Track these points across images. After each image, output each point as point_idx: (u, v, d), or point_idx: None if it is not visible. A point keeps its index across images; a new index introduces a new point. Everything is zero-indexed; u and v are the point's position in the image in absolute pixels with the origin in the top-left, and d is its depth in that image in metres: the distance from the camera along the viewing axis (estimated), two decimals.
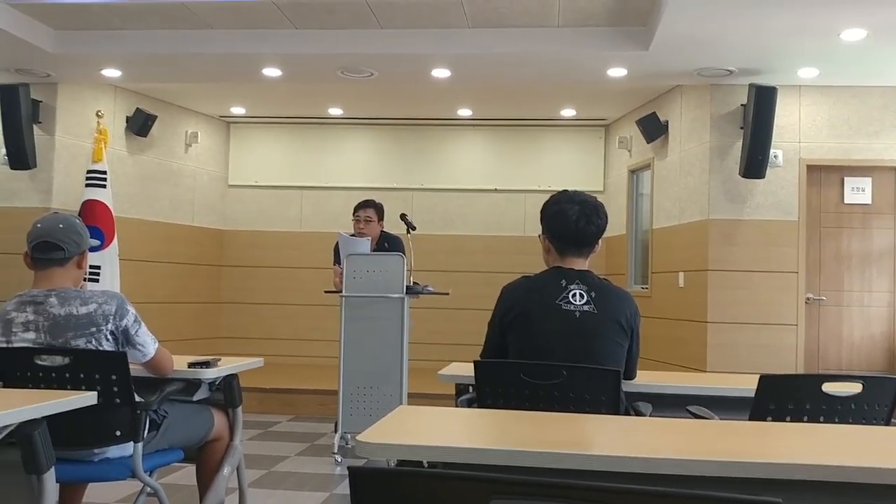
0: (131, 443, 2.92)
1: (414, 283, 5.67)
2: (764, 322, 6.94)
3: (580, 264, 2.88)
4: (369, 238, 5.84)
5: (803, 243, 7.02)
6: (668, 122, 7.79)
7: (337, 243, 5.93)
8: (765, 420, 2.53)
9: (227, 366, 3.39)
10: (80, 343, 2.88)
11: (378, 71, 7.03)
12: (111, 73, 7.34)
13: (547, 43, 6.34)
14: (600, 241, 2.91)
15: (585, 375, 2.65)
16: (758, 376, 2.59)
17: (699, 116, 7.26)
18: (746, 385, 2.79)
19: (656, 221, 7.96)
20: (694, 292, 7.17)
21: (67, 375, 2.83)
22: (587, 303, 2.76)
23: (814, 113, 7.06)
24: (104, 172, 7.40)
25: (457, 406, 3.02)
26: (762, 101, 6.65)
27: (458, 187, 9.59)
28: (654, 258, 8.00)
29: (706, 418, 2.71)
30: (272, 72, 7.15)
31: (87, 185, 7.37)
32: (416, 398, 5.93)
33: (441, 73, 7.01)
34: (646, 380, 3.05)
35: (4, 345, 2.90)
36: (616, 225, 8.55)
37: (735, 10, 5.34)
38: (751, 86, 6.74)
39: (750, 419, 2.57)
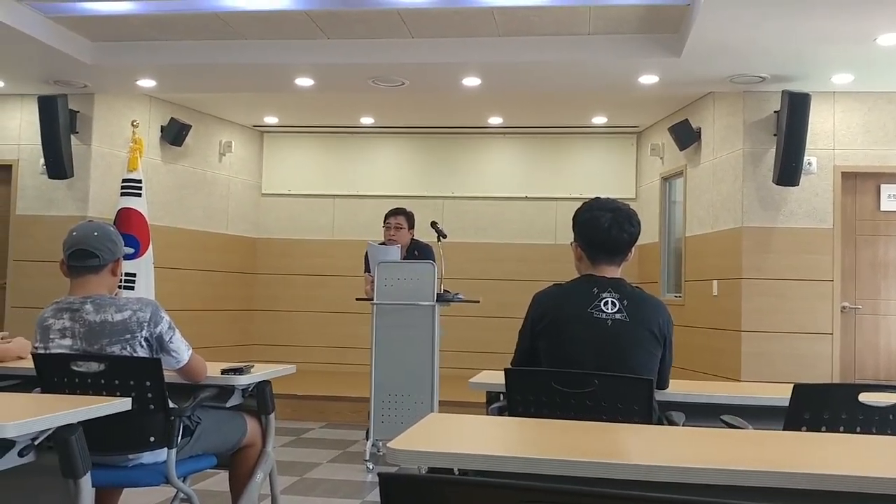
0: (165, 448, 2.94)
1: (444, 290, 5.67)
2: (799, 331, 6.85)
3: (612, 272, 2.86)
4: (399, 246, 5.86)
5: (838, 251, 6.93)
6: (700, 129, 7.73)
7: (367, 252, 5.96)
8: (800, 430, 2.49)
9: (260, 372, 3.41)
10: (115, 349, 2.91)
11: (409, 80, 7.06)
12: (146, 83, 7.45)
13: (578, 51, 6.33)
14: (633, 249, 2.89)
15: (617, 384, 2.63)
16: (792, 385, 2.56)
17: (732, 123, 7.20)
18: (781, 394, 2.76)
19: (689, 229, 7.90)
20: (728, 301, 7.10)
21: (103, 381, 2.86)
22: (619, 311, 2.74)
23: (848, 119, 6.98)
24: (139, 181, 7.50)
25: (487, 414, 3.02)
26: (796, 108, 6.58)
27: (489, 195, 9.59)
28: (687, 266, 7.93)
29: (740, 428, 2.68)
30: (304, 81, 7.21)
31: (123, 194, 7.47)
32: (447, 406, 5.92)
33: (472, 81, 7.02)
34: (679, 389, 3.02)
35: (42, 351, 2.95)
36: (648, 233, 8.49)
37: (768, 17, 5.30)
38: (784, 92, 6.67)
39: (784, 429, 2.54)
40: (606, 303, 2.75)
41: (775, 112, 6.88)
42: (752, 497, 1.68)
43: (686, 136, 7.79)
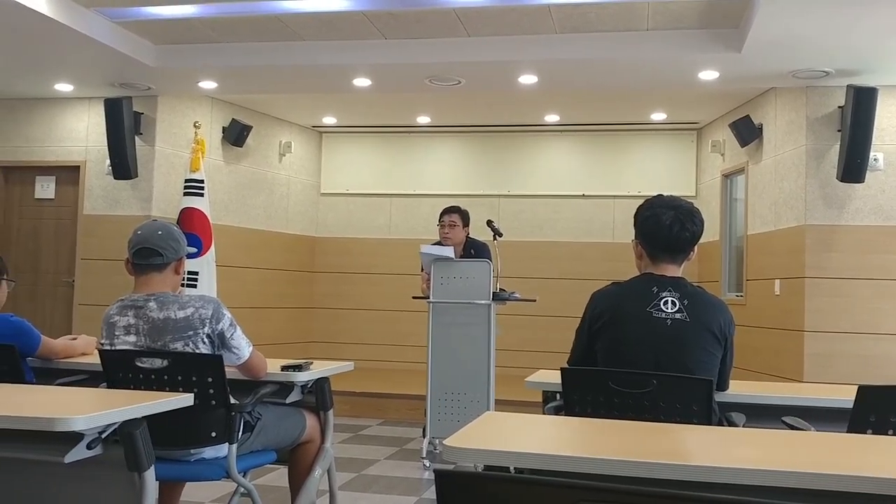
0: (226, 444, 2.99)
1: (500, 289, 5.66)
2: (864, 331, 6.68)
3: (673, 271, 2.81)
4: (451, 245, 5.87)
5: None
6: (762, 125, 7.59)
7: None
8: (865, 433, 2.44)
9: (319, 369, 3.44)
10: (178, 346, 2.97)
11: (465, 78, 7.07)
12: (208, 84, 7.59)
13: (636, 47, 6.27)
14: (695, 247, 2.85)
15: (676, 385, 2.60)
16: (857, 387, 2.50)
17: (794, 119, 7.05)
18: (845, 396, 2.70)
19: (751, 227, 7.76)
20: (790, 300, 6.96)
21: (166, 377, 2.92)
22: (679, 311, 2.70)
23: None
24: (202, 181, 7.64)
25: (544, 413, 3.01)
26: (861, 103, 6.41)
27: (546, 193, 9.55)
28: (748, 265, 7.80)
29: (802, 430, 2.63)
30: (362, 82, 7.27)
31: (186, 194, 7.62)
32: (503, 405, 5.92)
33: (528, 79, 7.00)
34: (740, 390, 2.97)
35: (108, 347, 3.02)
36: (709, 231, 8.32)
37: (831, 9, 5.18)
38: (849, 87, 6.51)
39: (849, 431, 2.48)
40: (666, 302, 2.72)
41: (839, 107, 6.72)
42: (815, 500, 1.65)
43: (747, 132, 7.66)
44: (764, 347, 7.27)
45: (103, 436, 2.34)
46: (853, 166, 6.50)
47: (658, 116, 8.91)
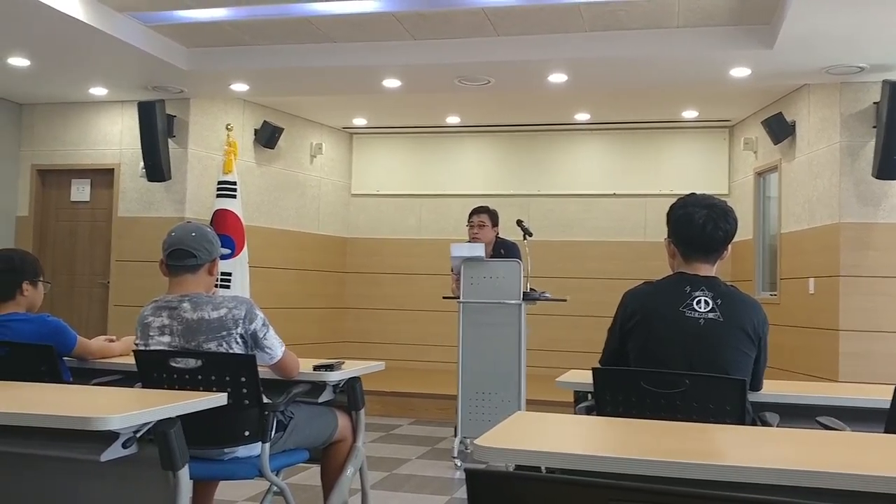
0: (259, 443, 3.01)
1: (531, 289, 5.66)
2: None
3: (706, 270, 2.79)
4: (483, 244, 5.86)
5: None
6: (795, 122, 7.50)
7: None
8: None
9: (350, 369, 3.46)
10: (212, 346, 3.00)
11: (495, 78, 7.06)
12: (239, 87, 7.65)
13: (667, 44, 6.23)
14: (728, 246, 2.82)
15: (709, 384, 2.58)
16: (893, 387, 2.47)
17: (828, 116, 6.96)
18: (881, 396, 2.66)
19: (785, 225, 7.68)
20: (825, 299, 6.87)
21: (200, 377, 2.95)
22: (712, 310, 2.68)
23: None
24: (234, 183, 7.70)
25: (575, 413, 3.00)
26: None
27: (576, 192, 9.51)
28: (782, 264, 7.71)
29: (838, 430, 2.59)
30: (392, 83, 7.29)
31: (218, 196, 7.68)
32: (534, 405, 5.90)
33: (558, 77, 6.98)
34: (773, 389, 2.94)
35: (143, 347, 3.06)
36: (742, 229, 8.20)
37: (866, 3, 5.11)
38: (884, 82, 6.42)
39: (885, 432, 2.45)
40: (699, 301, 2.70)
41: (874, 103, 6.63)
42: (850, 502, 1.63)
43: (780, 129, 7.58)
44: (798, 347, 7.19)
45: (138, 435, 2.37)
46: (889, 163, 6.40)
47: (690, 114, 8.84)
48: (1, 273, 3.40)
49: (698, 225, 2.74)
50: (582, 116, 9.11)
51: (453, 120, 9.48)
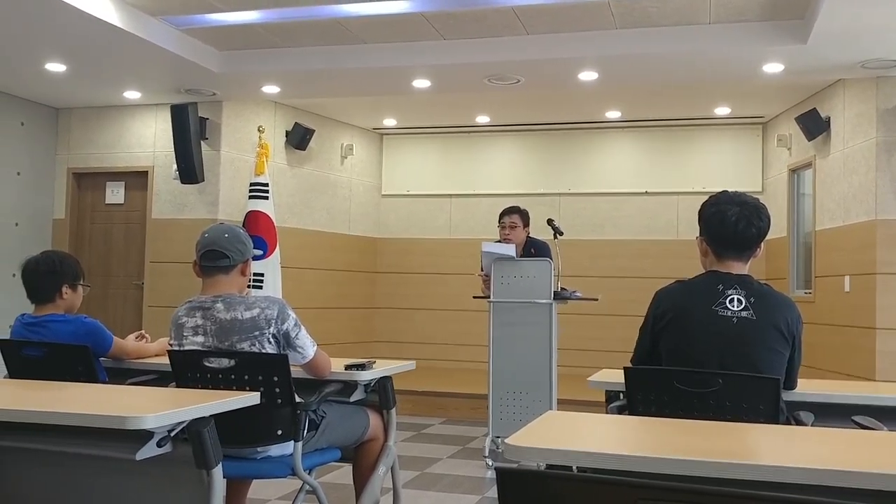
0: (292, 441, 3.03)
1: (562, 288, 5.64)
2: None
3: (739, 268, 2.76)
4: (514, 244, 5.85)
5: None
6: (829, 118, 7.41)
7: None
8: None
9: (382, 368, 3.48)
10: (245, 346, 3.02)
11: (525, 77, 7.05)
12: (271, 89, 7.71)
13: (698, 40, 6.18)
14: (762, 244, 2.79)
15: (742, 384, 2.56)
16: None
17: (864, 111, 6.86)
18: None
19: (819, 223, 7.58)
20: (861, 297, 6.78)
21: (233, 377, 2.98)
22: (745, 308, 2.66)
23: None
24: (266, 185, 7.76)
25: (607, 413, 2.99)
26: None
27: (607, 191, 9.47)
28: (817, 261, 7.62)
29: (874, 429, 2.56)
30: (422, 83, 7.30)
31: (251, 197, 7.75)
32: (566, 404, 5.89)
33: (588, 75, 6.95)
34: (808, 388, 2.91)
35: (177, 347, 3.10)
36: (776, 227, 8.14)
37: None
38: None
39: None
40: (732, 300, 2.67)
41: None
42: (886, 502, 1.61)
43: (814, 125, 7.48)
44: (833, 345, 7.10)
45: (172, 434, 2.39)
46: None
47: (722, 111, 8.77)
48: (42, 275, 3.46)
49: (731, 223, 2.72)
50: (613, 114, 9.06)
51: (483, 119, 9.48)
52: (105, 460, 2.48)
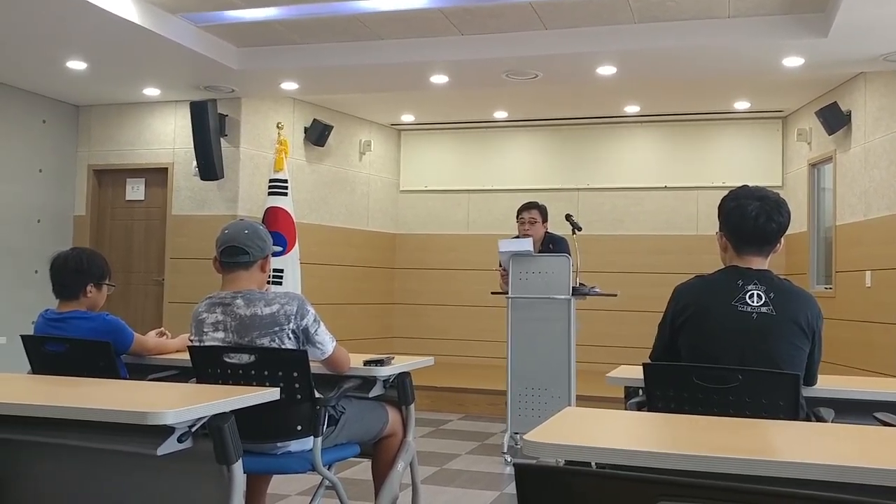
0: (311, 437, 3.04)
1: (580, 284, 5.63)
2: None
3: (759, 263, 2.75)
4: (531, 238, 5.84)
5: None
6: (850, 111, 7.34)
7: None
8: None
9: (400, 364, 3.48)
10: (265, 342, 3.04)
11: (543, 72, 7.03)
12: (289, 86, 7.73)
13: (717, 35, 6.14)
14: (782, 239, 2.78)
15: (762, 380, 2.55)
16: None
17: (886, 105, 6.80)
18: None
19: (840, 217, 7.53)
20: (883, 292, 6.72)
21: (253, 372, 2.99)
22: (765, 304, 2.64)
23: None
24: (285, 181, 7.79)
25: (626, 409, 2.98)
26: None
27: (626, 186, 9.43)
28: (838, 256, 7.56)
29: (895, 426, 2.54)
30: (439, 79, 7.30)
31: (270, 193, 7.78)
32: (584, 400, 5.88)
33: (607, 70, 6.92)
34: (828, 384, 2.89)
35: (197, 343, 3.12)
36: (796, 222, 8.14)
37: None
38: None
39: None
40: (752, 295, 2.66)
41: None
42: None
43: (835, 119, 7.42)
44: (854, 341, 7.05)
45: (193, 429, 2.41)
46: None
47: (742, 105, 8.71)
48: (69, 273, 3.49)
49: (750, 217, 2.71)
50: (631, 109, 9.02)
51: (501, 115, 9.46)
52: (127, 455, 2.50)
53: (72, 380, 2.96)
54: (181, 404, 2.32)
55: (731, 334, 2.65)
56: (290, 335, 3.07)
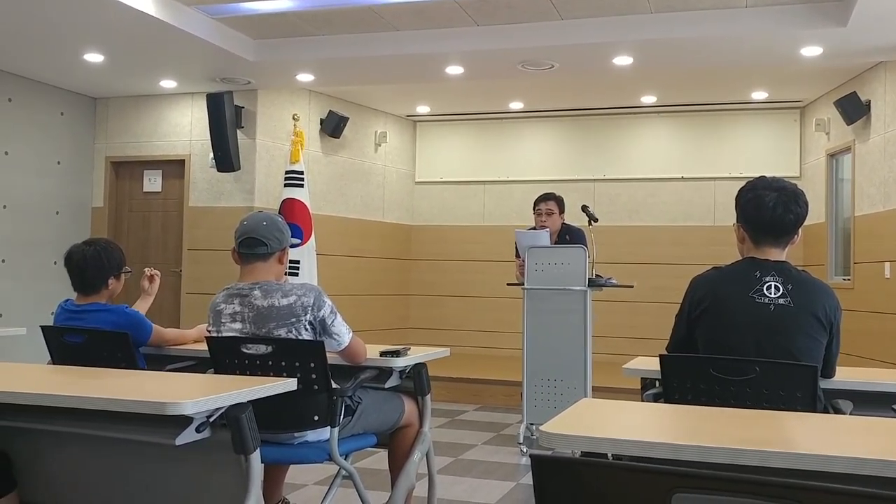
0: (328, 427, 3.06)
1: (597, 275, 5.61)
2: None
3: (777, 255, 2.73)
4: (548, 230, 5.83)
5: None
6: (869, 101, 7.28)
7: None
8: None
9: (417, 355, 3.49)
10: (282, 332, 3.06)
11: (559, 62, 7.01)
12: (305, 77, 7.74)
13: (735, 24, 6.10)
14: (799, 230, 2.76)
15: (780, 371, 2.54)
16: None
17: None
18: None
19: (859, 208, 7.47)
20: None
21: (270, 363, 3.01)
22: (783, 296, 2.63)
23: None
24: (301, 172, 7.81)
25: (642, 401, 2.97)
26: None
27: (643, 177, 9.40)
28: (856, 248, 7.51)
29: None
30: (455, 70, 7.29)
31: (286, 185, 7.80)
32: (601, 392, 5.87)
33: (623, 60, 6.89)
34: (847, 376, 2.87)
35: (215, 334, 3.14)
36: (814, 213, 8.03)
37: None
38: None
39: None
40: (769, 287, 2.65)
41: None
42: None
43: (854, 109, 7.36)
44: (873, 332, 7.00)
45: (211, 419, 2.43)
46: None
47: (759, 95, 8.65)
48: (90, 271, 3.51)
49: (768, 208, 2.69)
50: (648, 99, 8.98)
51: (516, 105, 9.44)
52: (145, 445, 2.52)
53: (92, 370, 2.99)
54: (199, 395, 2.33)
55: (748, 326, 2.64)
56: (307, 326, 3.08)
